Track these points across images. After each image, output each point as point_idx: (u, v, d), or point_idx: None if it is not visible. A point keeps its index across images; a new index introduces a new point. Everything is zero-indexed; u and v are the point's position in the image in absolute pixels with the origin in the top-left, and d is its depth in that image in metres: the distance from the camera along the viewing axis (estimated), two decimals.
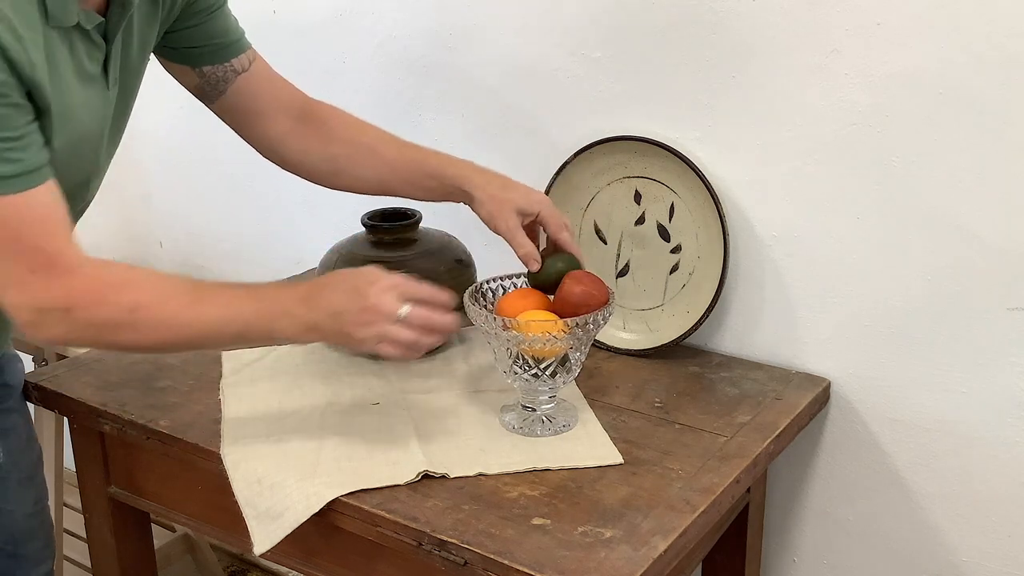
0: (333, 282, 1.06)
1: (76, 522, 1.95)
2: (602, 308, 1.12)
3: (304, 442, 1.14)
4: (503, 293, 1.23)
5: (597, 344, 1.39)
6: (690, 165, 1.31)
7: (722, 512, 1.08)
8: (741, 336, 1.39)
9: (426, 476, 1.07)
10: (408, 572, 1.06)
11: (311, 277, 1.54)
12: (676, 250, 1.36)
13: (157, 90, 1.90)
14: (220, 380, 1.30)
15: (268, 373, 1.32)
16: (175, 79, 1.27)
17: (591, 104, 1.41)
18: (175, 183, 1.98)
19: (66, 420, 1.41)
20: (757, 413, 1.22)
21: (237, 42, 1.25)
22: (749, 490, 1.30)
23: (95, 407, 1.24)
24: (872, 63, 1.19)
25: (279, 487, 1.08)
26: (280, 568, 2.11)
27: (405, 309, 1.01)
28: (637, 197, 1.38)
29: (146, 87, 1.11)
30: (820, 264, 1.30)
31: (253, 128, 1.29)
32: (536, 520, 1.00)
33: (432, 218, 1.41)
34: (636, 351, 1.38)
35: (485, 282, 1.23)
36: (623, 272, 1.41)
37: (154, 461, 1.27)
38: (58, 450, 1.79)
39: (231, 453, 1.13)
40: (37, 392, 1.31)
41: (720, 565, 1.37)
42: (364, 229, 1.36)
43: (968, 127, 1.16)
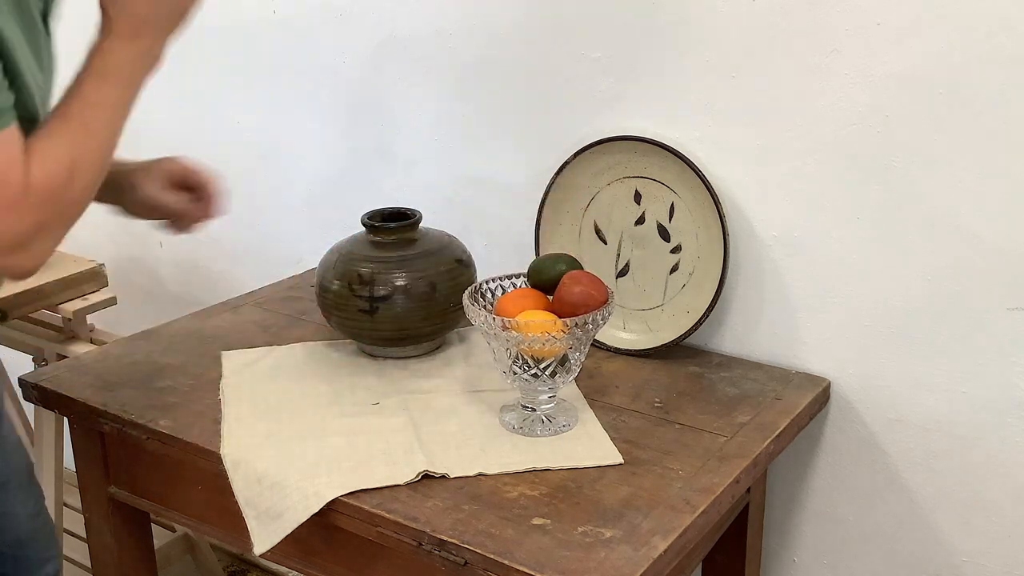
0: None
1: (76, 522, 1.95)
2: (601, 308, 1.12)
3: (304, 442, 1.15)
4: (503, 293, 1.23)
5: (597, 344, 1.39)
6: (690, 165, 1.31)
7: (722, 512, 1.08)
8: (741, 336, 1.39)
9: (426, 476, 1.07)
10: (408, 572, 1.06)
11: (311, 277, 1.54)
12: (676, 250, 1.36)
13: (157, 90, 1.91)
14: (220, 380, 1.30)
15: (268, 373, 1.32)
16: None
17: (591, 104, 1.41)
18: None
19: (66, 420, 1.41)
20: (757, 413, 1.22)
21: None
22: (749, 490, 1.30)
23: (95, 407, 1.24)
24: (872, 63, 1.19)
25: (279, 487, 1.08)
26: (280, 568, 2.11)
27: None
28: (637, 197, 1.38)
29: (145, 88, 1.11)
30: (820, 264, 1.30)
31: None
32: (536, 520, 1.00)
33: (432, 218, 1.41)
34: (636, 351, 1.38)
35: (485, 282, 1.23)
36: (623, 272, 1.41)
37: (154, 461, 1.27)
38: (58, 450, 1.79)
39: (231, 453, 1.13)
40: (37, 392, 1.30)
41: (720, 565, 1.37)
42: (364, 229, 1.36)
43: (968, 127, 1.16)
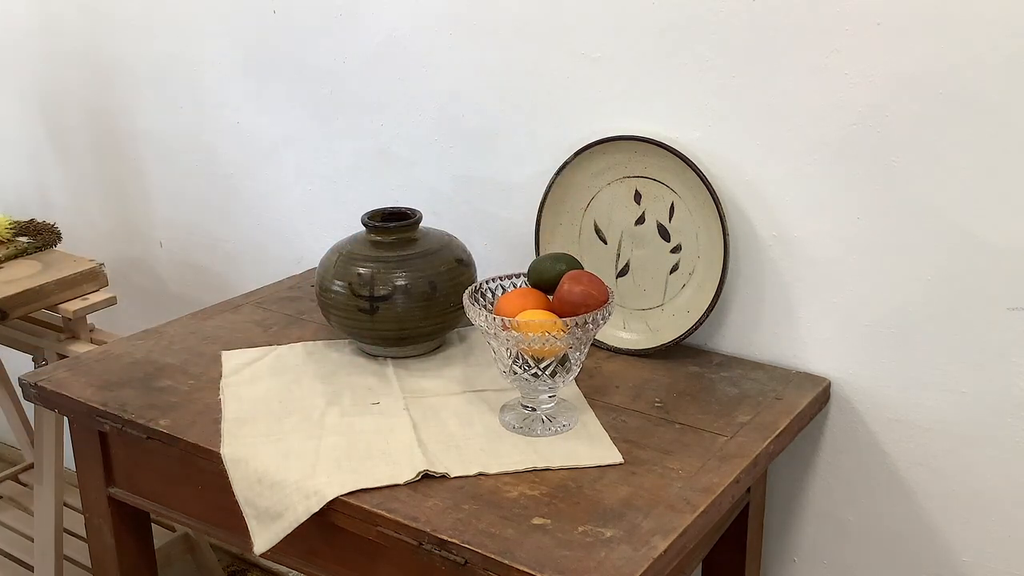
0: None
1: (76, 522, 1.95)
2: (602, 308, 1.12)
3: (304, 442, 1.15)
4: (503, 293, 1.23)
5: (597, 344, 1.39)
6: (690, 165, 1.31)
7: (722, 512, 1.08)
8: (741, 336, 1.39)
9: (426, 476, 1.07)
10: (408, 572, 1.06)
11: (311, 277, 1.54)
12: (676, 250, 1.37)
13: (157, 90, 1.91)
14: (220, 380, 1.30)
15: (268, 373, 1.32)
16: None
17: (591, 104, 1.41)
18: (175, 183, 1.98)
19: (66, 420, 1.41)
20: (757, 413, 1.22)
21: None
22: (749, 490, 1.30)
23: (95, 407, 1.24)
24: (872, 63, 1.19)
25: (279, 487, 1.08)
26: (280, 568, 2.11)
27: None
28: (637, 197, 1.38)
29: (146, 87, 1.11)
30: (820, 264, 1.30)
31: None
32: (536, 520, 1.00)
33: (432, 218, 1.41)
34: (636, 351, 1.38)
35: (485, 282, 1.23)
36: (623, 272, 1.41)
37: (154, 461, 1.27)
38: (58, 450, 1.79)
39: (231, 453, 1.13)
40: (37, 392, 1.30)
41: (720, 565, 1.37)
42: (364, 229, 1.36)
43: (968, 127, 1.16)
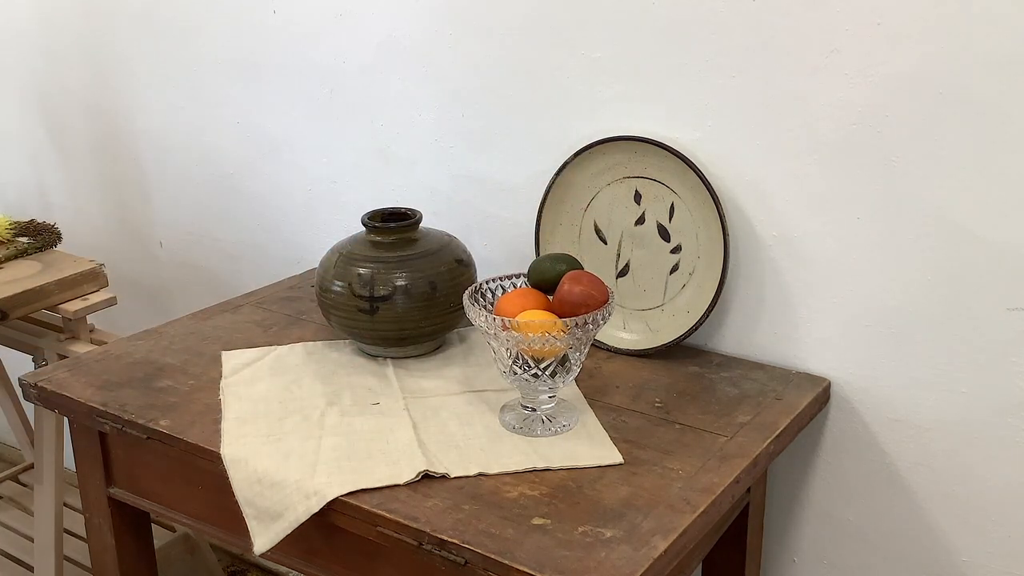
0: None
1: (76, 522, 1.95)
2: (602, 308, 1.12)
3: (304, 442, 1.15)
4: (503, 293, 1.23)
5: (597, 344, 1.39)
6: (690, 165, 1.30)
7: (722, 512, 1.08)
8: (741, 336, 1.39)
9: (426, 476, 1.07)
10: (408, 572, 1.06)
11: (311, 277, 1.54)
12: (676, 250, 1.36)
13: (157, 91, 1.91)
14: (220, 380, 1.30)
15: (268, 373, 1.32)
16: None
17: (591, 104, 1.41)
18: (175, 183, 1.98)
19: (66, 420, 1.41)
20: (757, 413, 1.22)
21: None
22: (749, 490, 1.30)
23: (95, 407, 1.24)
24: (872, 63, 1.19)
25: (279, 487, 1.08)
26: (280, 568, 2.11)
27: None
28: (637, 197, 1.38)
29: (145, 88, 1.11)
30: (820, 264, 1.30)
31: None
32: (536, 520, 1.00)
33: (432, 218, 1.41)
34: (636, 351, 1.38)
35: (485, 282, 1.23)
36: (623, 272, 1.41)
37: (154, 461, 1.27)
38: (58, 450, 1.79)
39: (231, 453, 1.13)
40: (37, 392, 1.30)
41: (720, 565, 1.37)
42: (364, 229, 1.36)
43: (968, 127, 1.16)
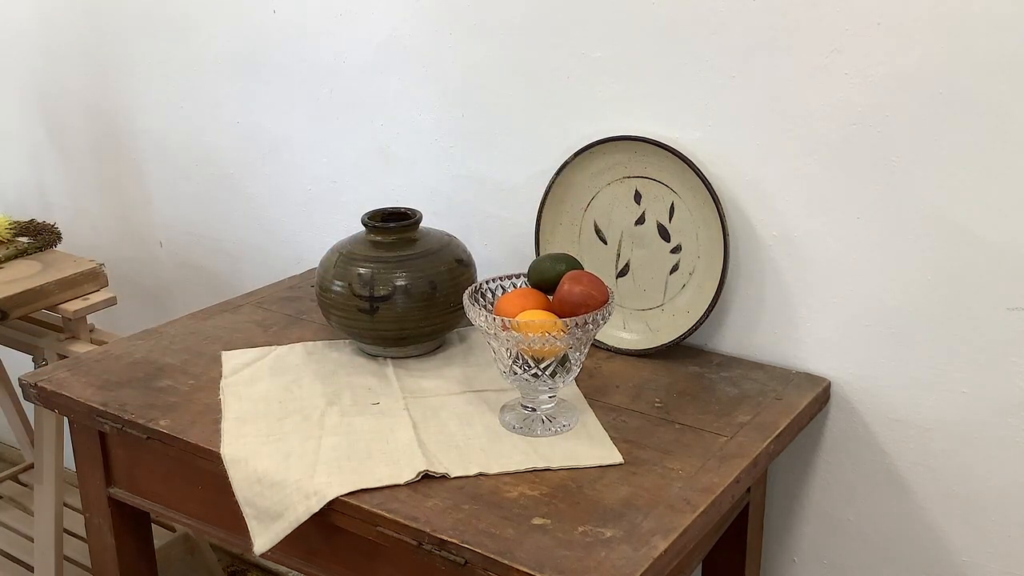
0: None
1: (76, 522, 1.95)
2: (602, 308, 1.12)
3: (304, 442, 1.15)
4: (503, 293, 1.23)
5: (597, 344, 1.39)
6: (690, 165, 1.30)
7: (722, 512, 1.08)
8: (741, 336, 1.39)
9: (426, 476, 1.07)
10: (408, 572, 1.06)
11: (311, 277, 1.54)
12: (676, 250, 1.36)
13: (157, 91, 1.91)
14: (220, 380, 1.30)
15: (268, 373, 1.32)
16: None
17: (591, 104, 1.41)
18: (175, 183, 1.98)
19: (66, 420, 1.41)
20: (757, 413, 1.22)
21: None
22: (749, 490, 1.30)
23: (95, 407, 1.24)
24: (872, 63, 1.19)
25: (279, 487, 1.08)
26: (280, 568, 2.11)
27: None
28: (637, 197, 1.38)
29: (145, 88, 1.11)
30: (820, 264, 1.30)
31: None
32: (536, 520, 1.00)
33: (432, 218, 1.41)
34: (636, 351, 1.38)
35: (485, 282, 1.23)
36: (623, 272, 1.41)
37: (154, 461, 1.27)
38: (58, 450, 1.79)
39: (231, 453, 1.13)
40: (37, 392, 1.31)
41: (720, 565, 1.37)
42: (364, 229, 1.36)
43: (968, 127, 1.16)
